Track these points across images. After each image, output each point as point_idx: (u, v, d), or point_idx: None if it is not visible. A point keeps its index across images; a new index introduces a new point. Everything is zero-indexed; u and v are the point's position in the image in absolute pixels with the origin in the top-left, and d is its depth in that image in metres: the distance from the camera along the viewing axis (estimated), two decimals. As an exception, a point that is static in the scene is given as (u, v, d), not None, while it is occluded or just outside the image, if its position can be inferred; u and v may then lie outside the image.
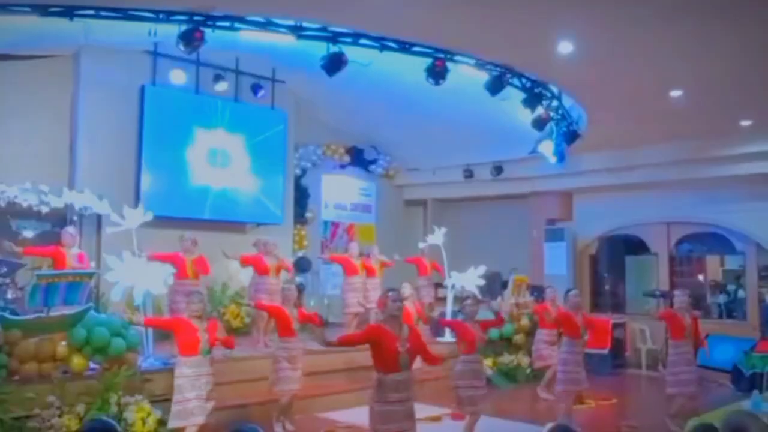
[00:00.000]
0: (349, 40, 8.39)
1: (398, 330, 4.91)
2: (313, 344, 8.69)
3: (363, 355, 9.44)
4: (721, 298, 12.96)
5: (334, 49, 8.32)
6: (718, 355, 10.83)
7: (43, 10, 7.55)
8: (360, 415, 7.73)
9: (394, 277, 10.50)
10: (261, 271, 9.58)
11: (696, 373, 7.87)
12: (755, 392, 6.50)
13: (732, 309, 12.85)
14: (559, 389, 7.55)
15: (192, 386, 5.84)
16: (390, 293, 5.03)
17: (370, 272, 10.64)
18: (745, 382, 9.80)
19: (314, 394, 8.12)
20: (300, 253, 13.16)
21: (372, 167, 15.04)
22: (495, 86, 9.01)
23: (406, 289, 8.72)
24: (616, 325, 11.93)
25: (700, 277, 13.41)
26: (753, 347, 10.28)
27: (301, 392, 7.56)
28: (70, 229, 8.46)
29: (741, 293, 12.68)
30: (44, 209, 9.01)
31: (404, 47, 8.57)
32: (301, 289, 9.92)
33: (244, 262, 9.75)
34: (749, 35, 7.18)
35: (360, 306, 10.21)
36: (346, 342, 5.21)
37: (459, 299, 10.14)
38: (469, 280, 10.64)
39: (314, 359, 8.64)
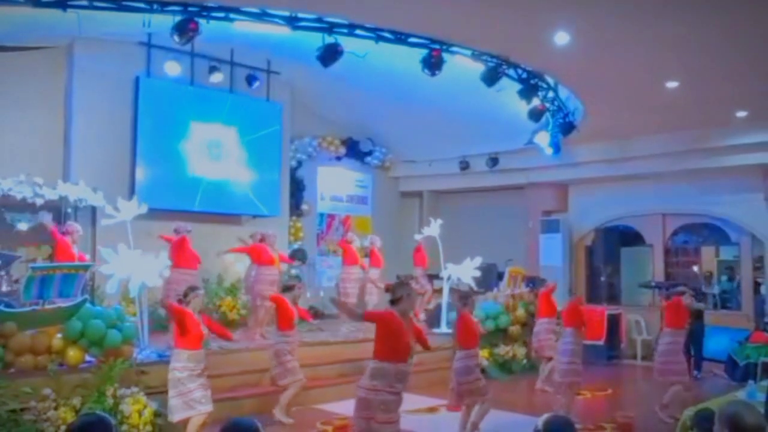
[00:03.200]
0: (344, 31, 8.36)
1: (408, 322, 4.93)
2: (306, 336, 8.76)
3: (358, 348, 9.48)
4: (716, 289, 13.01)
5: (329, 40, 8.29)
6: (712, 346, 10.87)
7: (37, 1, 7.49)
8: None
9: (392, 269, 10.59)
10: (267, 261, 9.54)
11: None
12: (750, 382, 6.51)
13: (727, 299, 12.91)
14: (565, 381, 7.51)
15: (192, 377, 5.85)
16: (410, 285, 5.09)
17: (374, 262, 10.70)
18: (739, 372, 9.85)
19: (310, 386, 8.12)
20: (296, 245, 13.17)
21: (368, 159, 15.02)
22: (491, 77, 8.99)
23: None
24: (611, 316, 11.96)
25: (695, 268, 13.46)
26: (747, 338, 10.34)
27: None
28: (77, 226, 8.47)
29: (736, 284, 12.73)
30: (38, 201, 8.97)
31: (400, 38, 8.54)
32: (297, 280, 9.94)
33: (249, 251, 9.80)
34: (746, 27, 7.16)
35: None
36: (370, 317, 5.20)
37: (454, 290, 10.20)
38: (465, 271, 10.65)
39: (310, 351, 8.67)
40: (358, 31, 8.45)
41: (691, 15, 7.03)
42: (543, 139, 11.34)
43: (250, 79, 11.96)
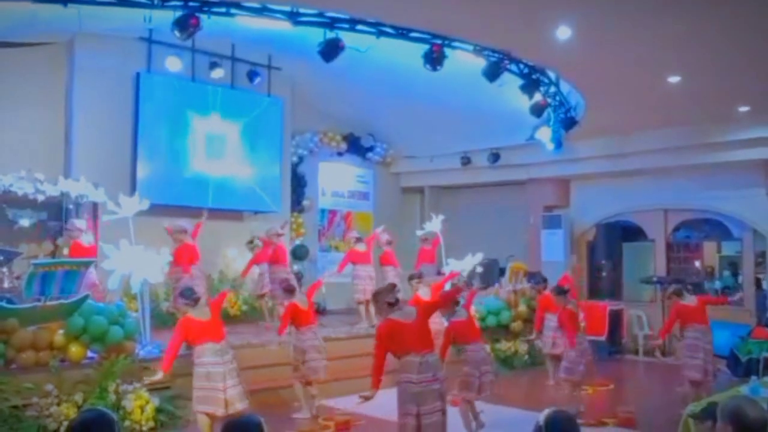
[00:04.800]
0: (345, 26, 8.34)
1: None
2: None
3: (360, 344, 9.47)
4: (718, 284, 13.00)
5: (330, 35, 8.27)
6: (714, 341, 10.83)
7: (36, -3, 7.48)
8: (356, 402, 7.76)
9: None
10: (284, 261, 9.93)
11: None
12: (753, 377, 6.51)
13: (729, 295, 12.87)
14: (569, 378, 7.56)
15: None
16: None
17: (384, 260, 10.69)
18: (741, 367, 9.84)
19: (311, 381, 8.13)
20: (297, 241, 13.16)
21: (369, 155, 15.00)
22: (492, 72, 8.96)
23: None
24: (612, 312, 11.94)
25: (697, 264, 13.45)
26: (749, 333, 10.32)
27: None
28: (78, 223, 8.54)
29: (738, 279, 12.72)
30: (40, 198, 8.97)
31: (401, 33, 8.51)
32: (299, 276, 9.94)
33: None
34: (748, 21, 7.14)
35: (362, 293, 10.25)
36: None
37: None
38: (467, 267, 10.62)
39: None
40: (359, 26, 8.43)
41: (693, 9, 7.01)
42: (544, 134, 11.32)
43: (251, 75, 11.94)
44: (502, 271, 12.72)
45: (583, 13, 7.37)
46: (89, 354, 6.89)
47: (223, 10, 8.07)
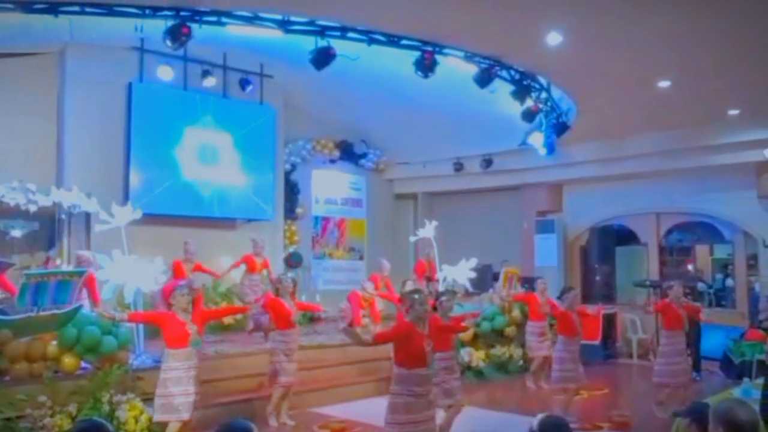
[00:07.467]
0: (337, 33, 8.37)
1: (424, 328, 4.95)
2: (302, 339, 8.75)
3: (355, 351, 9.46)
4: (701, 286, 13.04)
5: (322, 43, 8.30)
6: (707, 343, 10.90)
7: (27, 7, 7.49)
8: (352, 410, 7.76)
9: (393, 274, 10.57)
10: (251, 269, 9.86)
11: (687, 363, 7.93)
12: (745, 380, 6.55)
13: (721, 297, 12.94)
14: (556, 387, 7.60)
15: (179, 380, 5.80)
16: (416, 296, 5.07)
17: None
18: (734, 369, 9.88)
19: (307, 388, 8.12)
20: (291, 249, 13.16)
21: (362, 161, 15.03)
22: (484, 79, 9.01)
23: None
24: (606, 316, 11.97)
25: (690, 267, 13.51)
26: (742, 335, 10.36)
27: (295, 386, 7.56)
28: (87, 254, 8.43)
29: (729, 282, 12.78)
30: (32, 208, 8.94)
31: (392, 40, 8.55)
32: (294, 283, 9.91)
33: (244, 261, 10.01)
34: (737, 25, 7.20)
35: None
36: (383, 339, 5.28)
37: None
38: (461, 273, 10.63)
39: (307, 354, 8.64)
40: (350, 34, 8.47)
41: (683, 13, 7.07)
42: (537, 139, 11.37)
43: (243, 83, 11.96)
44: (495, 277, 12.73)
45: (573, 19, 7.43)
46: (83, 364, 6.85)
47: (214, 19, 8.09)
